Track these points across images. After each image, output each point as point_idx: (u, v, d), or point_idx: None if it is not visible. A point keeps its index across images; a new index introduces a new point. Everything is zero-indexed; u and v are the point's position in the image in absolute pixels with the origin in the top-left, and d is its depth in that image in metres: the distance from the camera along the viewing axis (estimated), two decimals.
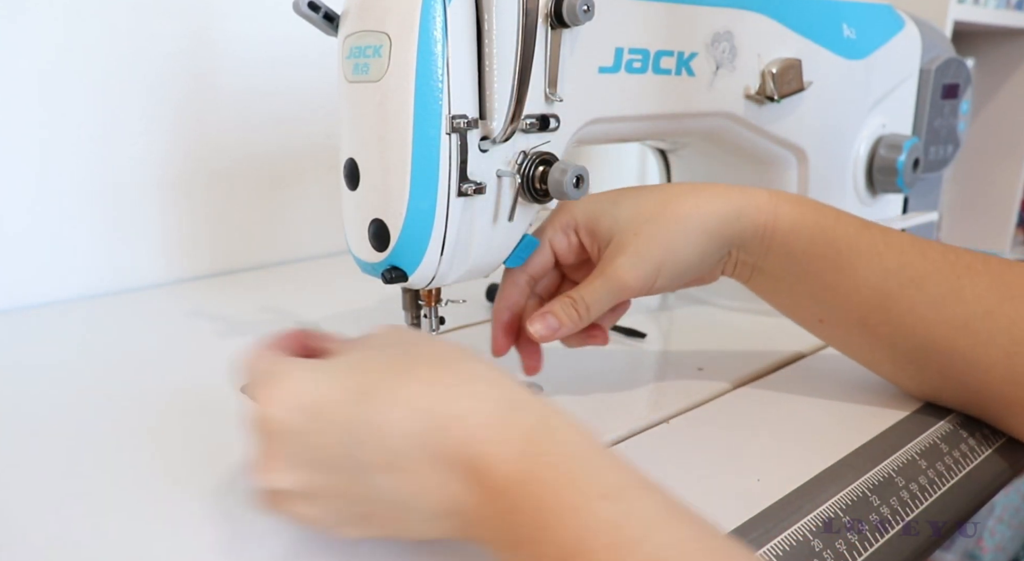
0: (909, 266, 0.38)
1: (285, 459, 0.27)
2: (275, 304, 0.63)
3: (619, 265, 0.37)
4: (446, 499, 0.25)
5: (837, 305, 0.40)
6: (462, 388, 0.26)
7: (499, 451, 0.24)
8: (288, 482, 0.27)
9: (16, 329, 0.57)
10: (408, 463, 0.25)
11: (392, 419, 0.25)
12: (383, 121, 0.35)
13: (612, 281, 0.37)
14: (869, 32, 0.53)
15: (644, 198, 0.39)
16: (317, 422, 0.26)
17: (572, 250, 0.41)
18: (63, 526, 0.33)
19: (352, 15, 0.36)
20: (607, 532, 0.22)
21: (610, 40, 0.38)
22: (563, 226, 0.40)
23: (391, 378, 0.27)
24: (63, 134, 0.62)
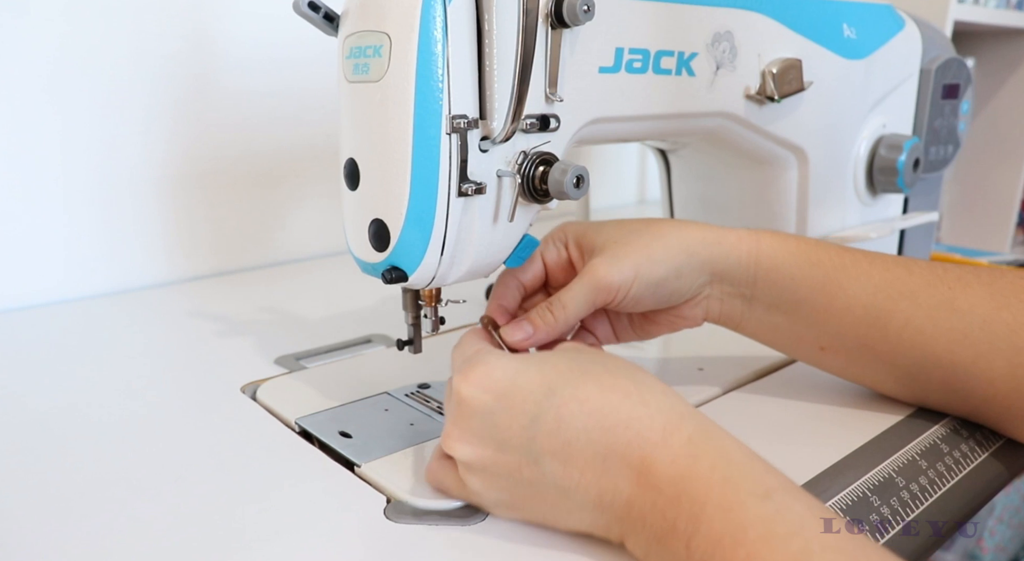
0: (898, 280, 0.38)
1: (471, 433, 0.31)
2: (275, 304, 0.63)
3: (596, 264, 0.38)
4: (607, 491, 0.29)
5: (833, 328, 0.39)
6: (634, 397, 0.30)
7: (663, 453, 0.28)
8: (469, 454, 0.31)
9: (16, 329, 0.57)
10: (578, 454, 0.29)
11: (571, 413, 0.29)
12: (383, 121, 0.35)
13: (587, 277, 0.38)
14: (869, 32, 0.53)
15: (631, 220, 0.41)
16: (505, 406, 0.30)
17: (560, 264, 0.41)
18: (63, 526, 0.32)
19: (352, 15, 0.36)
20: (758, 527, 0.24)
21: (610, 40, 0.38)
22: (554, 238, 0.42)
23: (575, 378, 0.31)
24: (63, 134, 0.62)
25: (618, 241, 0.38)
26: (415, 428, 0.41)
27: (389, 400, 0.44)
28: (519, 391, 0.31)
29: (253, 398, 0.45)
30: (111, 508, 0.34)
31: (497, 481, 0.31)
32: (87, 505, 0.34)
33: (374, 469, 0.37)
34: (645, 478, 0.28)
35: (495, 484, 0.31)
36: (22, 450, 0.39)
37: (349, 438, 0.40)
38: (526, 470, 0.30)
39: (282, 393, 0.45)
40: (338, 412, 0.43)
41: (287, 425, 0.42)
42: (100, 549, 0.31)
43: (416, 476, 0.36)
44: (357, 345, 0.54)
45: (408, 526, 0.33)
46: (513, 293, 0.41)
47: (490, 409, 0.31)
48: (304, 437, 0.40)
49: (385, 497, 0.35)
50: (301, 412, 0.42)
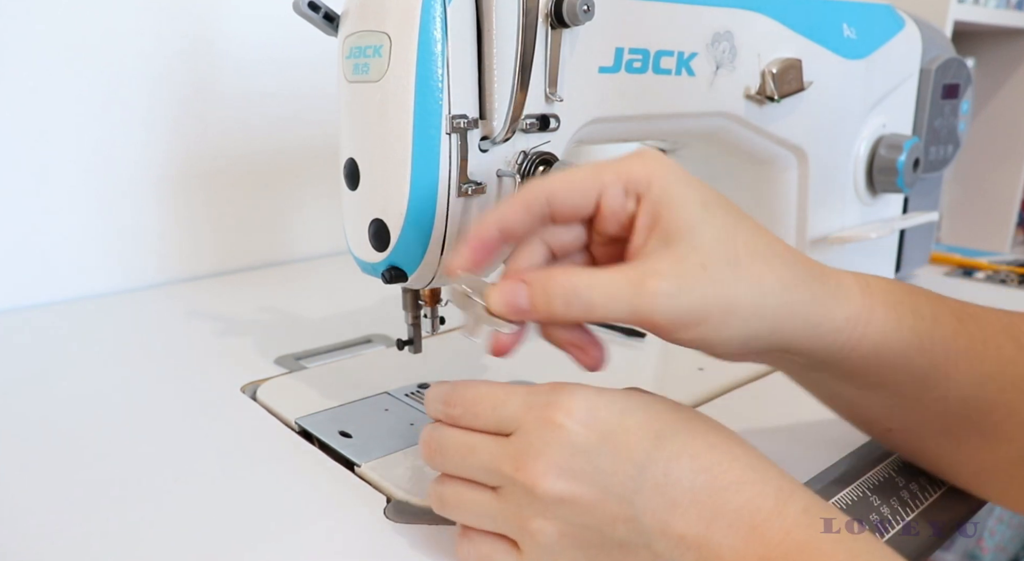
0: (1011, 364, 0.32)
1: (570, 471, 0.26)
2: (275, 304, 0.63)
3: (656, 283, 0.27)
4: (706, 558, 0.26)
5: (917, 416, 0.33)
6: (742, 460, 0.27)
7: (777, 523, 0.25)
8: (563, 491, 0.26)
9: (17, 329, 0.57)
10: (681, 516, 0.26)
11: (681, 468, 0.26)
12: (383, 121, 0.35)
13: (631, 292, 0.27)
14: (869, 32, 0.53)
15: (739, 226, 0.29)
16: (611, 449, 0.27)
17: (618, 217, 0.29)
18: (64, 525, 0.32)
19: (352, 15, 0.36)
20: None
21: (610, 40, 0.38)
22: (631, 181, 0.28)
23: (683, 430, 0.27)
24: (64, 135, 0.62)
25: (706, 266, 0.27)
26: (415, 428, 0.41)
27: (389, 400, 0.44)
28: (627, 434, 0.27)
29: (253, 398, 0.45)
30: (111, 507, 0.34)
31: (583, 534, 0.27)
32: (87, 504, 0.34)
33: (374, 469, 0.37)
34: (753, 547, 0.25)
35: (579, 538, 0.27)
36: (22, 450, 0.39)
37: (349, 438, 0.40)
38: (621, 526, 0.26)
39: (282, 393, 0.45)
40: (338, 412, 0.43)
41: (287, 425, 0.42)
42: (101, 548, 0.31)
43: (416, 476, 0.36)
44: (357, 345, 0.54)
45: (408, 526, 0.33)
46: (527, 216, 0.29)
47: (595, 449, 0.27)
48: (304, 437, 0.40)
49: (385, 497, 0.35)
50: (301, 412, 0.42)
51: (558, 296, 0.27)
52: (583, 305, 0.27)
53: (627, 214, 0.29)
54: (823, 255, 0.55)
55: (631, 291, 0.27)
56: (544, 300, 0.28)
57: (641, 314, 0.27)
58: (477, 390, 0.29)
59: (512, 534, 0.28)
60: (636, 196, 0.29)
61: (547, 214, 0.29)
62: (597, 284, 0.27)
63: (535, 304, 0.28)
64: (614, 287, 0.27)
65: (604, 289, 0.27)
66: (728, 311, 0.27)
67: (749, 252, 0.28)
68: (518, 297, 0.28)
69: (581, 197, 0.29)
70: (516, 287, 0.28)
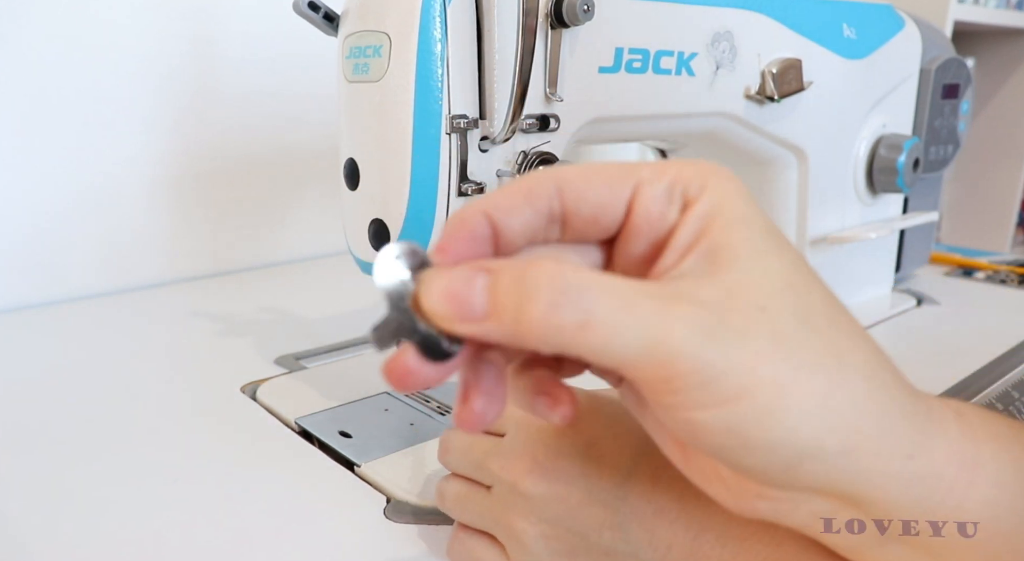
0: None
1: (556, 471, 0.26)
2: (275, 304, 0.63)
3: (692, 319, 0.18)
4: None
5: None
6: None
7: (761, 537, 0.23)
8: (547, 493, 0.26)
9: (18, 329, 0.57)
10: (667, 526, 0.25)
11: (669, 477, 0.25)
12: (383, 121, 0.35)
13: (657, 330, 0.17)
14: (869, 32, 0.53)
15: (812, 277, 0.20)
16: (597, 452, 0.26)
17: (654, 229, 0.20)
18: (64, 525, 0.33)
19: (352, 15, 0.36)
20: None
21: (610, 40, 0.38)
22: (679, 182, 0.20)
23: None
24: (65, 134, 0.62)
25: (768, 296, 0.18)
26: (415, 428, 0.41)
27: (389, 400, 0.44)
28: (615, 440, 0.26)
29: (253, 398, 0.45)
30: (111, 507, 0.34)
31: (568, 538, 0.26)
32: (88, 504, 0.34)
33: (374, 469, 0.37)
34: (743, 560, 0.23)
35: (563, 542, 0.26)
36: (23, 449, 0.39)
37: (349, 438, 0.40)
38: (607, 533, 0.25)
39: (282, 393, 0.45)
40: (338, 412, 0.43)
41: (287, 425, 0.42)
42: (102, 548, 0.31)
43: (416, 476, 0.36)
44: (357, 345, 0.54)
45: (408, 526, 0.33)
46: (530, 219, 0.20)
47: (582, 452, 0.26)
48: (304, 437, 0.40)
49: (385, 497, 0.35)
50: (301, 412, 0.42)
51: (541, 293, 0.17)
52: (577, 314, 0.17)
53: (667, 225, 0.20)
54: (823, 255, 0.55)
55: (650, 311, 0.17)
56: (516, 298, 0.18)
57: (654, 352, 0.17)
58: None
59: (498, 534, 0.28)
60: (683, 203, 0.20)
61: (555, 212, 0.20)
62: (602, 287, 0.17)
63: (499, 304, 0.18)
64: (627, 297, 0.17)
65: (612, 297, 0.17)
66: (785, 389, 0.17)
67: (826, 314, 0.19)
68: (471, 290, 0.18)
69: (608, 191, 0.20)
70: (470, 275, 0.19)
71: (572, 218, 0.21)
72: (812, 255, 0.54)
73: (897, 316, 0.60)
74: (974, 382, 0.48)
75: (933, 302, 0.64)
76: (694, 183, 0.20)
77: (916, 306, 0.62)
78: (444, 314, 0.19)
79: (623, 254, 0.21)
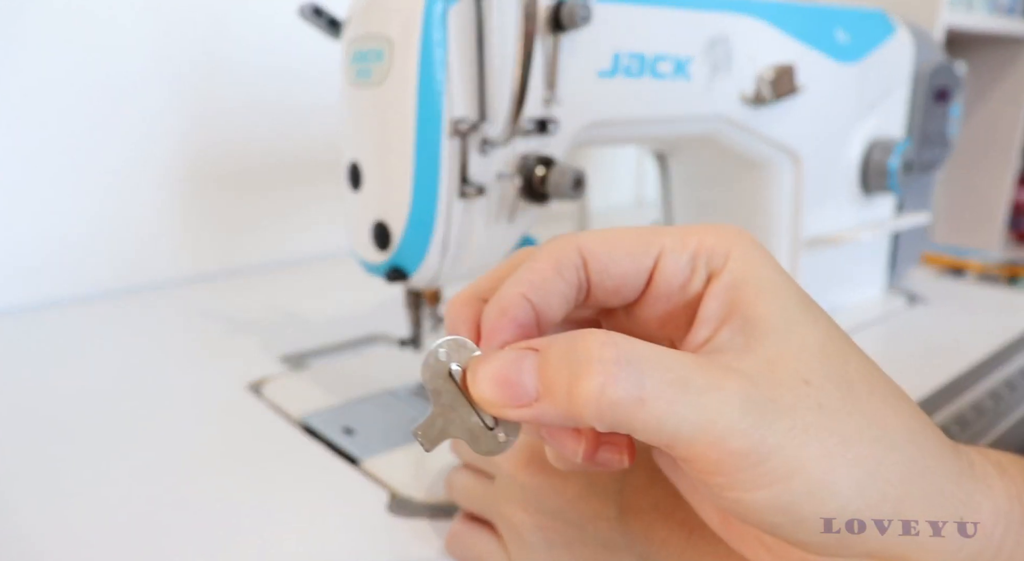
0: None
1: (543, 459, 0.26)
2: (281, 303, 0.63)
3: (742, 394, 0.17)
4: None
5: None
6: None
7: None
8: (538, 479, 0.26)
9: (27, 327, 0.58)
10: (663, 521, 0.25)
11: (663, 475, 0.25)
12: (385, 124, 0.35)
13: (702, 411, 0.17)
14: (862, 37, 0.54)
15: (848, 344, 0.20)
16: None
17: (676, 298, 0.20)
18: (71, 521, 0.33)
19: (355, 20, 0.37)
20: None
21: (608, 45, 0.39)
22: (702, 251, 0.20)
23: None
24: (74, 136, 0.63)
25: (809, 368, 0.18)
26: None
27: (392, 398, 0.45)
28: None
29: (259, 395, 0.46)
30: (119, 503, 0.34)
31: (565, 530, 0.26)
32: (95, 500, 0.35)
33: (377, 465, 0.37)
34: (736, 557, 0.23)
35: (560, 534, 0.26)
36: (30, 448, 0.39)
37: (353, 435, 0.40)
38: (603, 525, 0.25)
39: (287, 391, 0.46)
40: (342, 409, 0.43)
41: (292, 422, 0.42)
42: (109, 542, 0.32)
43: (418, 471, 0.37)
44: (361, 344, 0.55)
45: (410, 521, 0.33)
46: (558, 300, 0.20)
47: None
48: (309, 434, 0.41)
49: (388, 492, 0.35)
50: (306, 409, 0.43)
51: (594, 365, 0.17)
52: (633, 388, 0.17)
53: (689, 295, 0.20)
54: (817, 257, 0.56)
55: (703, 387, 0.17)
56: (568, 374, 0.17)
57: (709, 431, 0.17)
58: None
59: (498, 524, 0.29)
60: (708, 274, 0.20)
61: (582, 281, 0.20)
62: (656, 359, 0.17)
63: (550, 382, 0.17)
64: (679, 370, 0.17)
65: (666, 370, 0.17)
66: (835, 463, 0.17)
67: (865, 381, 0.19)
68: (519, 372, 0.18)
69: (630, 263, 0.20)
70: (517, 356, 0.18)
71: (595, 289, 0.20)
72: (806, 256, 0.55)
73: (889, 316, 0.61)
74: (964, 381, 0.49)
75: (924, 302, 0.65)
76: (718, 252, 0.20)
77: (907, 306, 0.63)
78: (495, 400, 0.18)
79: (639, 317, 0.21)
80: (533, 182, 0.37)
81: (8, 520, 0.33)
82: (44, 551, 0.31)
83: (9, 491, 0.35)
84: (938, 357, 0.53)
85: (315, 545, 0.32)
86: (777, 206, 0.54)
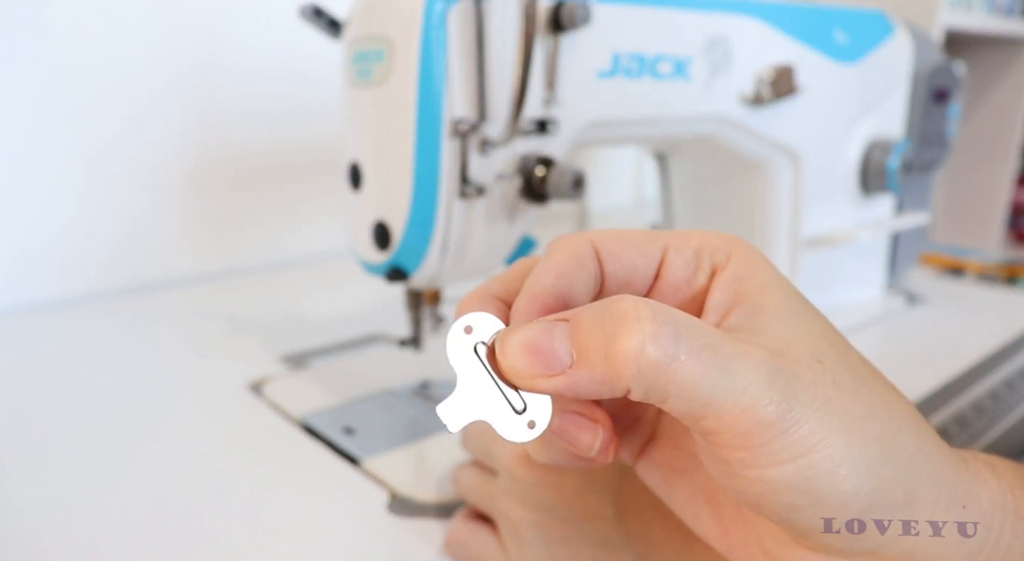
0: None
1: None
2: (281, 303, 0.63)
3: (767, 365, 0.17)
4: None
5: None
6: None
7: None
8: (536, 474, 0.27)
9: (28, 327, 0.58)
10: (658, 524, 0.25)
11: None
12: (385, 125, 0.36)
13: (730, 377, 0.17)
14: (861, 37, 0.54)
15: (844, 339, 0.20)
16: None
17: (682, 292, 0.21)
18: (74, 519, 0.33)
19: (356, 21, 0.37)
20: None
21: (608, 45, 0.39)
22: (705, 249, 0.21)
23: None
24: (76, 137, 0.63)
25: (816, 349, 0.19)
26: (418, 425, 0.42)
27: (393, 397, 0.45)
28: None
29: (260, 395, 0.46)
30: (120, 503, 0.34)
31: (562, 527, 0.26)
32: (96, 500, 0.35)
33: (377, 465, 0.37)
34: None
35: (557, 531, 0.26)
36: (31, 447, 0.40)
37: (353, 435, 0.40)
38: (601, 524, 0.26)
39: (288, 390, 0.46)
40: (343, 409, 0.43)
41: (293, 422, 0.42)
42: (108, 543, 0.32)
43: (418, 471, 0.37)
44: (361, 344, 0.55)
45: (410, 520, 0.33)
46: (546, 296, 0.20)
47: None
48: (309, 433, 0.41)
49: (388, 492, 0.36)
50: (306, 409, 0.43)
51: (631, 323, 0.17)
52: (671, 346, 0.17)
53: (696, 289, 0.21)
54: (816, 257, 0.56)
55: (732, 353, 0.17)
56: (603, 335, 0.17)
57: (740, 397, 0.17)
58: None
59: (498, 520, 0.29)
60: (711, 269, 0.21)
61: (596, 270, 0.20)
62: (689, 321, 0.17)
63: (584, 346, 0.17)
64: (710, 335, 0.17)
65: (700, 334, 0.17)
66: (852, 438, 0.17)
67: (866, 368, 0.19)
68: (551, 338, 0.17)
69: (638, 253, 0.21)
70: (548, 325, 0.18)
71: (608, 280, 0.21)
72: (805, 256, 0.55)
73: (888, 316, 0.61)
74: (963, 381, 0.49)
75: (924, 302, 0.65)
76: (720, 250, 0.21)
77: (907, 306, 0.64)
78: (526, 370, 0.17)
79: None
80: (533, 182, 0.37)
81: (9, 519, 0.33)
82: (45, 550, 0.31)
83: (9, 491, 0.35)
84: (937, 357, 0.53)
85: (315, 544, 0.32)
86: (776, 206, 0.54)
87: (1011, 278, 0.72)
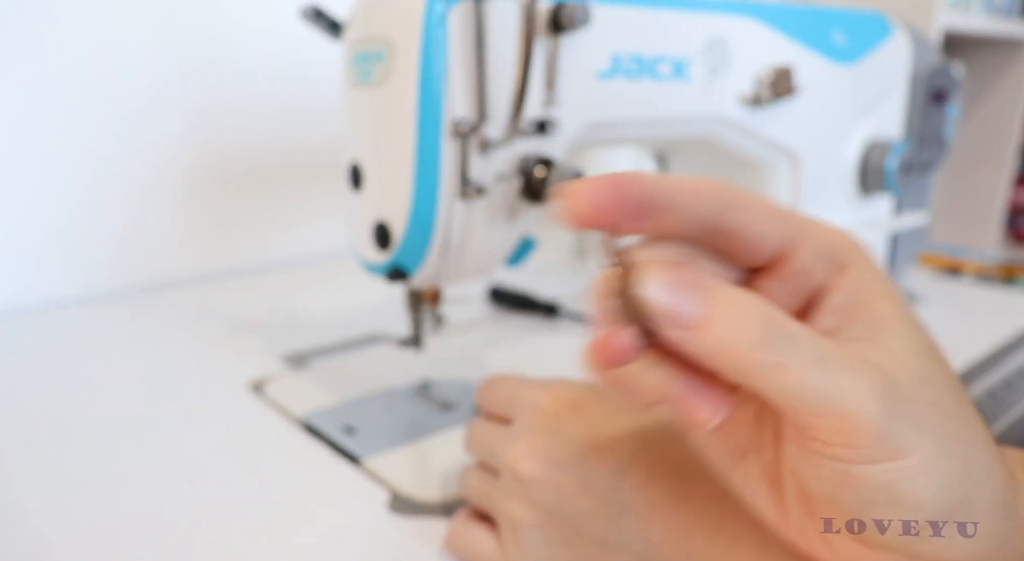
0: None
1: (543, 453, 0.27)
2: (282, 303, 0.63)
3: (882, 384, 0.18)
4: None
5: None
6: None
7: (752, 536, 0.24)
8: (537, 473, 0.27)
9: (28, 328, 0.58)
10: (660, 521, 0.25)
11: (662, 471, 0.26)
12: (386, 125, 0.36)
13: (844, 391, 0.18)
14: (860, 38, 0.54)
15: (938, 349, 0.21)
16: (596, 442, 0.27)
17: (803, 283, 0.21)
18: (76, 518, 0.33)
19: (356, 22, 0.37)
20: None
21: (607, 46, 0.39)
22: (834, 248, 0.21)
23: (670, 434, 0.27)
24: (77, 137, 0.63)
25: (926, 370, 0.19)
26: (418, 424, 0.42)
27: (393, 397, 0.45)
28: (613, 432, 0.27)
29: (261, 394, 0.46)
30: (120, 502, 0.35)
31: (562, 527, 0.26)
32: (97, 498, 0.35)
33: (378, 464, 0.38)
34: (733, 558, 0.24)
35: (558, 531, 0.26)
36: (32, 448, 0.40)
37: (354, 434, 0.41)
38: (601, 523, 0.26)
39: (289, 390, 0.46)
40: (343, 408, 0.44)
41: (293, 421, 0.43)
42: (109, 542, 0.32)
43: (419, 470, 0.37)
44: (362, 343, 0.55)
45: (411, 519, 0.34)
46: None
47: (581, 441, 0.27)
48: (310, 433, 0.41)
49: (389, 491, 0.36)
50: (307, 408, 0.43)
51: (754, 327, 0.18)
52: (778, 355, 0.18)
53: (814, 283, 0.21)
54: None
55: (841, 367, 0.18)
56: (727, 323, 0.18)
57: (843, 408, 0.18)
58: (501, 381, 0.31)
59: (499, 520, 0.29)
60: (834, 267, 0.21)
61: (718, 224, 0.20)
62: (805, 336, 0.18)
63: (710, 321, 0.18)
64: (823, 350, 0.18)
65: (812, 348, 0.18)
66: (939, 454, 0.18)
67: (959, 390, 0.20)
68: (686, 297, 0.18)
69: (777, 228, 0.20)
70: (691, 282, 0.19)
71: (724, 238, 0.20)
72: None
73: None
74: (962, 381, 0.50)
75: (922, 302, 0.65)
76: (843, 248, 0.21)
77: None
78: (662, 309, 0.18)
79: (751, 287, 0.21)
80: (533, 183, 0.37)
81: (12, 518, 0.33)
82: (47, 550, 0.31)
83: (11, 490, 0.35)
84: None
85: (316, 544, 0.32)
86: None
87: (1009, 278, 0.72)
